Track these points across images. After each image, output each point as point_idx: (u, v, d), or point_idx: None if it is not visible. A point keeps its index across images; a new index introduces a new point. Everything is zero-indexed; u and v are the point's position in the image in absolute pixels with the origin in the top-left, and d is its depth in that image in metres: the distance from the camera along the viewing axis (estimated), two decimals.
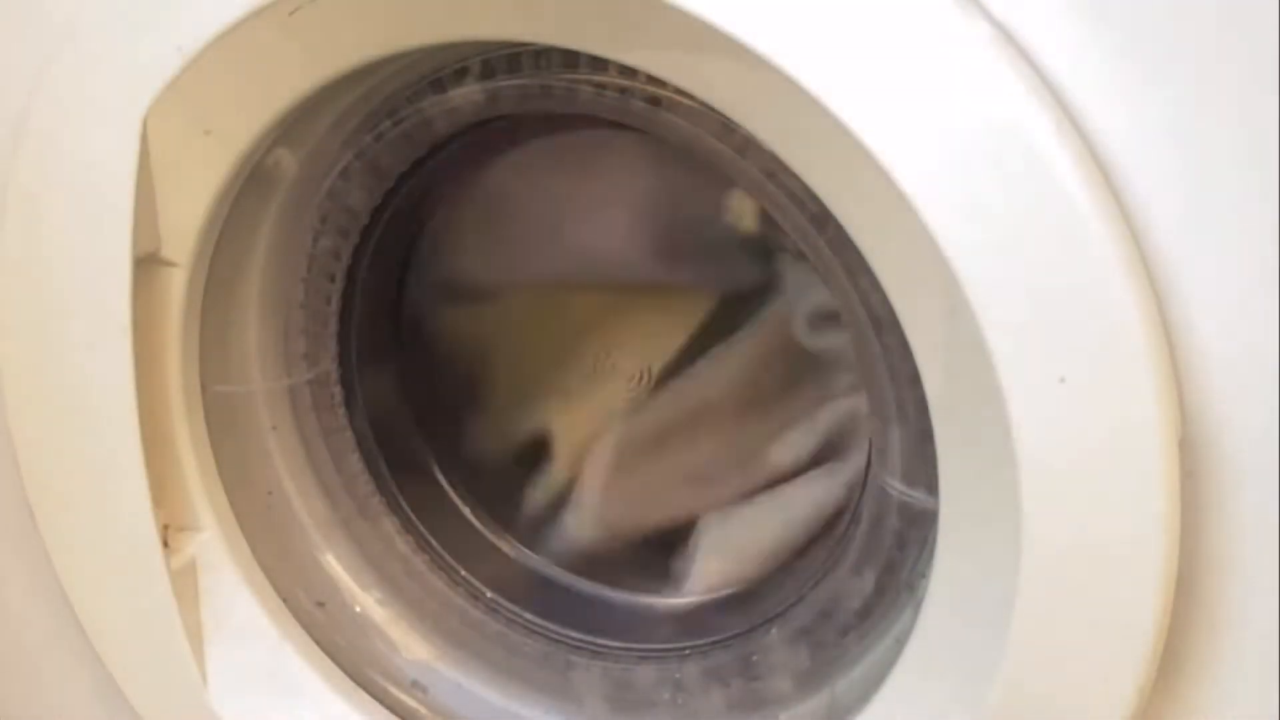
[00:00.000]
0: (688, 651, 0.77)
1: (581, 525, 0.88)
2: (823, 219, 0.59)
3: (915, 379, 0.57)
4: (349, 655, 0.79)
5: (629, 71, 0.62)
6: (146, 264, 0.68)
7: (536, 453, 0.88)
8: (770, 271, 0.78)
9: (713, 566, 0.83)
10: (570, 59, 0.63)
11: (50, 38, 0.66)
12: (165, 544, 0.73)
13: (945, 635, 0.59)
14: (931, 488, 0.60)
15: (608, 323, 0.83)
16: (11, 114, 0.68)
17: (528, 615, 0.83)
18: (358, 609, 0.81)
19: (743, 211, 0.75)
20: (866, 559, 0.66)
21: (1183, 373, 0.51)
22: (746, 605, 0.78)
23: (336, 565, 0.81)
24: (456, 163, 0.77)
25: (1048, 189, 0.49)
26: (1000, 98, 0.49)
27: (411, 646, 0.81)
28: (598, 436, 0.86)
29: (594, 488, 0.88)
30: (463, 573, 0.85)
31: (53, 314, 0.69)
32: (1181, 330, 0.51)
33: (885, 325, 0.59)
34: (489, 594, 0.84)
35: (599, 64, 0.62)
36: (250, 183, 0.70)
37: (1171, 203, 0.50)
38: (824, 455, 0.80)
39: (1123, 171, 0.50)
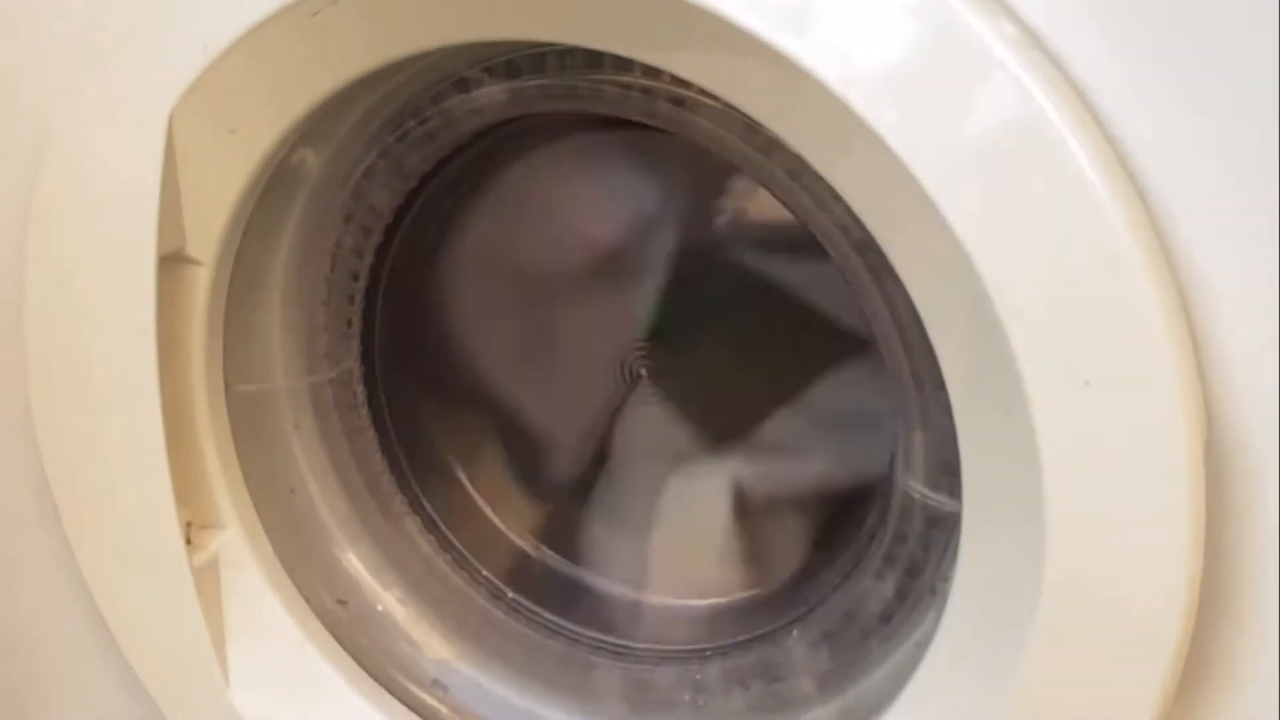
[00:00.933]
0: (709, 653, 0.77)
1: (603, 524, 0.88)
2: (847, 221, 0.59)
3: (939, 382, 0.56)
4: (370, 654, 0.79)
5: (653, 72, 0.61)
6: (171, 262, 0.68)
7: (559, 452, 0.88)
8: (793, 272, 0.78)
9: None
10: (594, 59, 0.63)
11: (76, 37, 0.67)
12: (188, 541, 0.73)
13: (968, 639, 0.58)
14: (954, 491, 0.60)
15: (631, 322, 0.83)
16: (38, 113, 0.68)
17: (548, 615, 0.83)
18: (379, 608, 0.81)
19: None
20: (888, 562, 0.66)
21: (1208, 376, 0.51)
22: (768, 607, 0.78)
23: (358, 564, 0.81)
24: (480, 162, 0.77)
25: (1073, 192, 0.49)
26: (1025, 100, 0.49)
27: (432, 645, 0.81)
28: (621, 435, 0.86)
29: (617, 486, 0.88)
30: (484, 572, 0.85)
31: (78, 312, 0.69)
32: (1207, 334, 0.51)
33: (909, 328, 0.59)
34: (510, 594, 0.84)
35: (623, 64, 0.62)
36: (274, 182, 0.70)
37: (1197, 206, 0.50)
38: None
39: (1149, 175, 0.50)
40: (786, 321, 0.79)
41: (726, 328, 0.81)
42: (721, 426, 0.84)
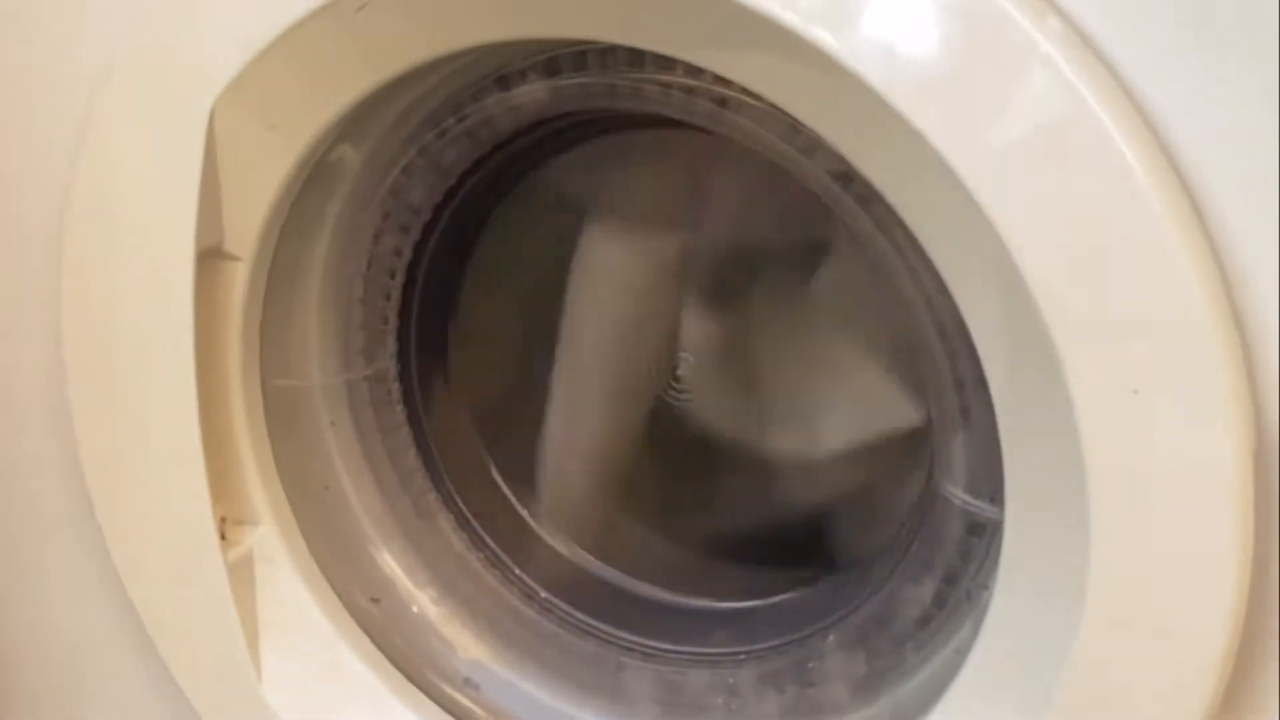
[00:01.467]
0: (742, 656, 0.77)
1: (637, 525, 0.88)
2: (889, 221, 0.58)
3: (981, 386, 0.56)
4: (402, 652, 0.80)
5: (695, 71, 0.61)
6: (209, 258, 0.69)
7: (594, 452, 0.88)
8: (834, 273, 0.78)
9: None
10: (636, 58, 0.63)
11: (117, 32, 0.67)
12: (222, 536, 0.73)
13: (1008, 648, 0.58)
14: (995, 498, 0.60)
15: (668, 323, 0.83)
16: (79, 107, 0.68)
17: (581, 616, 0.83)
18: (413, 608, 0.81)
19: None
20: (927, 568, 0.65)
21: (1257, 382, 0.50)
22: (804, 611, 0.77)
23: (391, 562, 0.81)
24: (519, 160, 0.77)
25: (1120, 193, 0.48)
26: (1071, 97, 0.48)
27: (465, 645, 0.81)
28: (656, 436, 0.86)
29: (651, 487, 0.87)
30: (517, 571, 0.85)
31: (115, 305, 0.70)
32: (1255, 339, 0.50)
33: (950, 330, 0.58)
34: (543, 594, 0.84)
35: (665, 63, 0.62)
36: (313, 178, 0.70)
37: (1246, 207, 0.49)
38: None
39: (1199, 177, 0.49)
40: (826, 324, 0.79)
41: (764, 330, 0.81)
42: (758, 428, 0.83)
